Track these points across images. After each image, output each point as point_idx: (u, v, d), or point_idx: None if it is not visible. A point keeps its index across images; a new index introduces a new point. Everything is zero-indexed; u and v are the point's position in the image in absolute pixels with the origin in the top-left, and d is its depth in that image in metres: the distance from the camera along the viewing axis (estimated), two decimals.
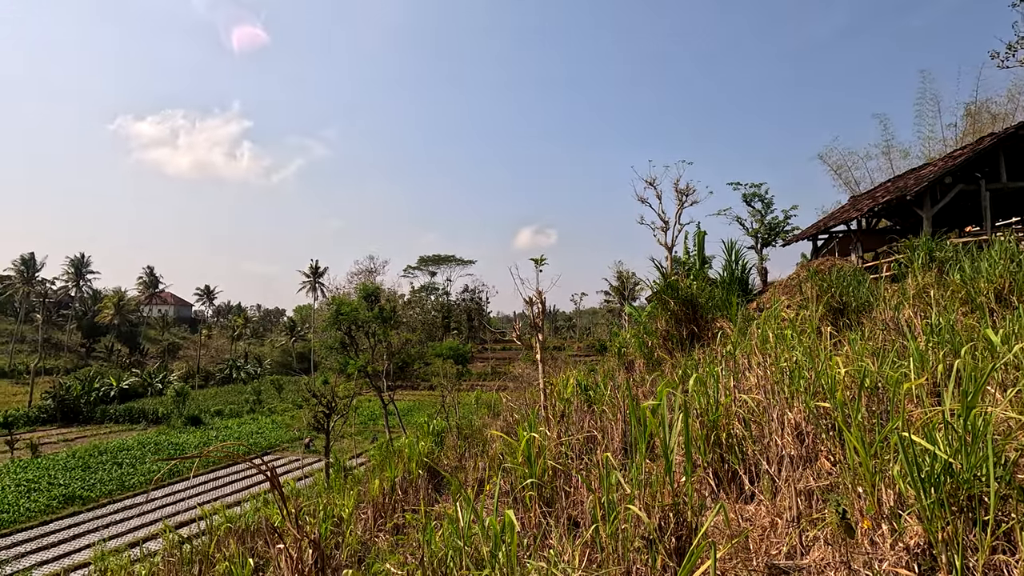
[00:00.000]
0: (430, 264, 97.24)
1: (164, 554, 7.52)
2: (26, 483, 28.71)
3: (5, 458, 35.49)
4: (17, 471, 31.23)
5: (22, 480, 29.22)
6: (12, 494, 26.97)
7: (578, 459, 4.70)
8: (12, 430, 42.54)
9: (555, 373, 10.22)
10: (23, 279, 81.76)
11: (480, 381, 62.09)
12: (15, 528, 23.72)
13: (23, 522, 24.36)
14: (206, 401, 58.82)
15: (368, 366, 28.22)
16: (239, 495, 25.95)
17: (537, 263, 6.91)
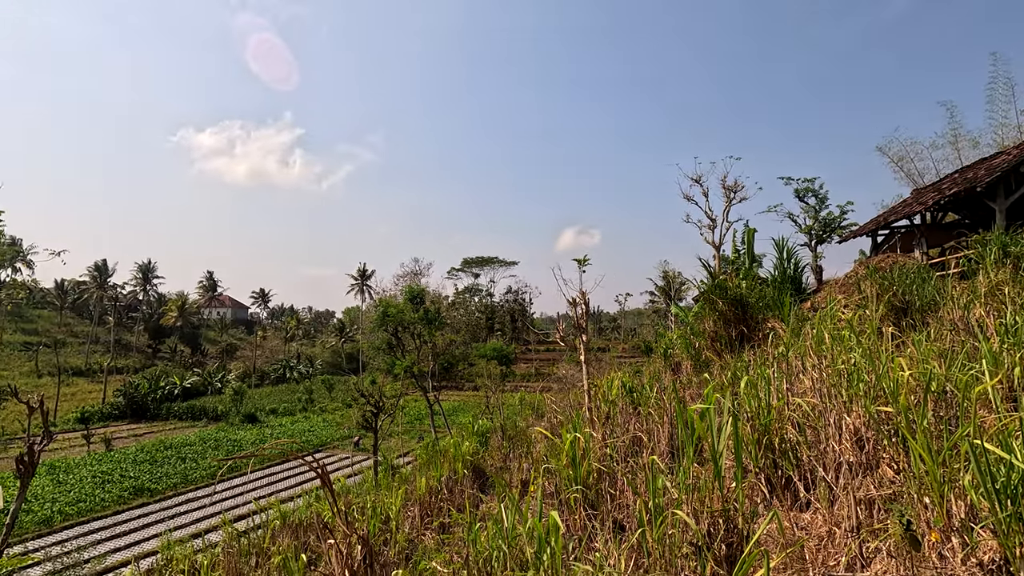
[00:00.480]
0: (473, 266, 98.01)
1: (224, 546, 7.87)
2: (101, 475, 30.70)
3: (83, 451, 38.14)
4: (93, 463, 33.45)
5: (97, 472, 31.27)
6: (89, 485, 28.91)
7: (623, 462, 4.63)
8: (88, 425, 45.64)
9: (599, 374, 10.11)
10: (97, 284, 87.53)
11: (524, 382, 62.17)
12: (92, 516, 25.40)
13: (99, 511, 26.06)
14: (262, 400, 61.22)
15: (414, 367, 28.74)
16: (293, 491, 26.89)
17: (580, 264, 6.85)
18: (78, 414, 49.32)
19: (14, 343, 74.01)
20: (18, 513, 6.73)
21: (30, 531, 23.17)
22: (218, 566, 7.27)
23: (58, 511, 25.24)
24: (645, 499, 3.14)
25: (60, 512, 25.21)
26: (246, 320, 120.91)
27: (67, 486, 28.65)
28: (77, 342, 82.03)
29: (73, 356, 75.56)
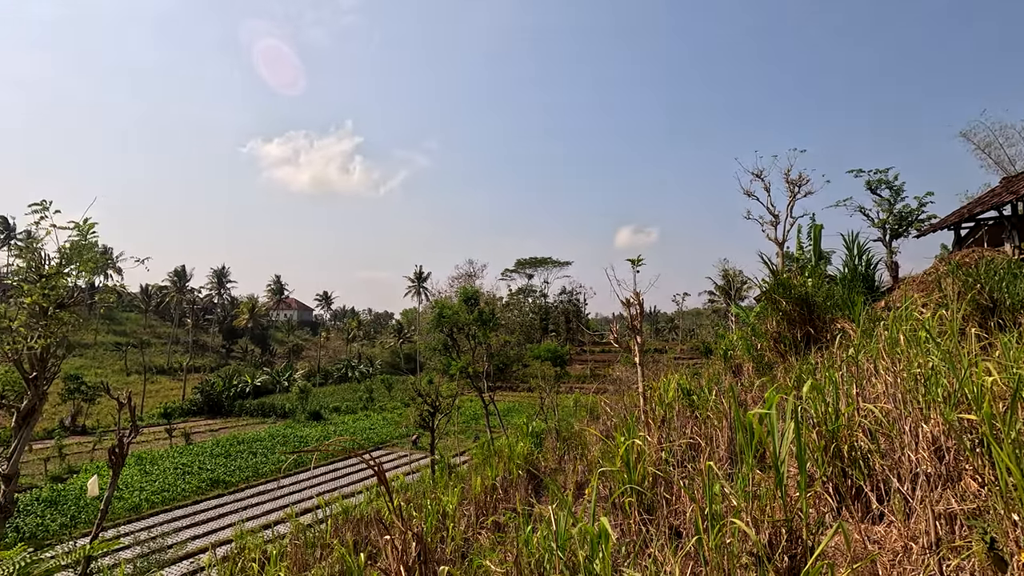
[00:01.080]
0: (527, 267, 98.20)
1: (291, 538, 8.27)
2: (182, 467, 32.91)
3: (166, 444, 41.04)
4: (175, 456, 35.91)
5: (179, 464, 33.54)
6: (172, 476, 31.06)
7: (680, 466, 4.51)
8: (170, 420, 49.08)
9: (655, 376, 9.90)
10: (177, 288, 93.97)
11: (579, 383, 61.66)
12: (174, 505, 27.27)
13: (180, 500, 27.94)
14: (325, 398, 63.74)
15: (469, 367, 29.10)
16: (355, 487, 27.85)
17: (634, 264, 6.74)
18: (161, 410, 53.16)
19: (106, 343, 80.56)
20: (111, 500, 7.33)
21: (122, 517, 25.13)
22: (286, 557, 7.64)
23: (145, 499, 27.25)
24: (702, 506, 3.05)
25: (147, 500, 27.21)
26: (311, 322, 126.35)
27: (152, 476, 30.89)
28: (160, 343, 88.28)
29: (156, 356, 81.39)
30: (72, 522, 24.23)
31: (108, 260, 76.30)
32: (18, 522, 23.12)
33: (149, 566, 13.98)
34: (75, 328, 7.90)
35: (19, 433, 7.45)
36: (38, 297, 7.15)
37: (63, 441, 38.86)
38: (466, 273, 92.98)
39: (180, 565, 19.03)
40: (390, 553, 2.94)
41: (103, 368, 72.11)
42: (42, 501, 25.98)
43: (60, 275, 7.30)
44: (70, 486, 28.89)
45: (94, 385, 50.93)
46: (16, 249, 7.93)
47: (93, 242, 7.36)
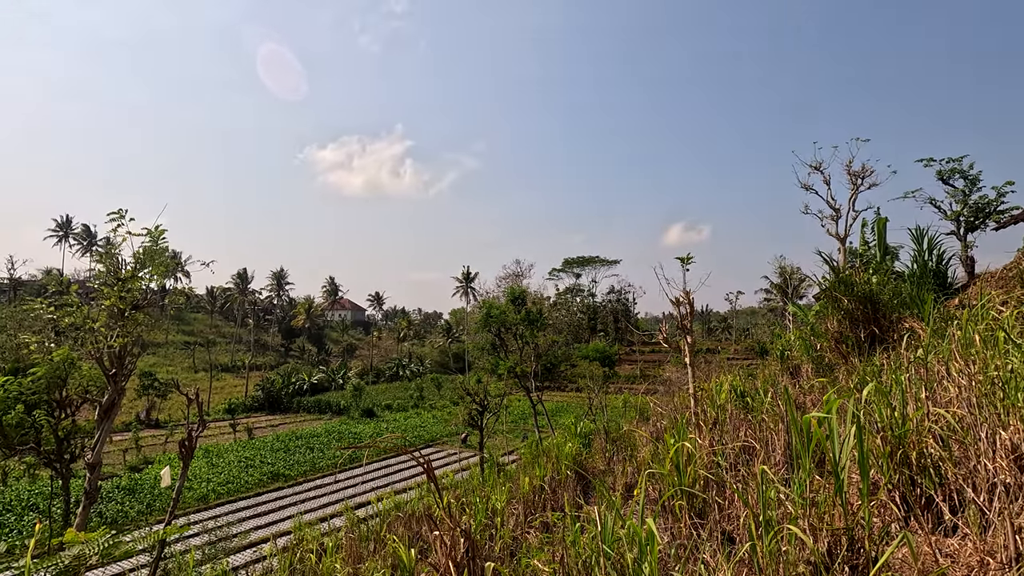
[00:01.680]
0: (575, 266, 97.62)
1: (346, 530, 8.54)
2: (244, 460, 34.59)
3: (230, 438, 43.25)
4: (238, 449, 37.78)
5: (242, 457, 35.27)
6: (236, 468, 32.70)
7: (732, 470, 4.38)
8: (234, 415, 51.69)
9: (707, 377, 9.64)
10: (239, 290, 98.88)
11: (628, 384, 60.74)
12: (238, 496, 28.71)
13: (243, 492, 29.39)
14: (378, 396, 65.48)
15: (517, 367, 29.22)
16: (407, 482, 28.48)
17: (683, 262, 6.59)
18: (226, 405, 56.10)
19: (176, 342, 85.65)
20: (182, 490, 7.80)
21: (191, 506, 26.67)
22: (341, 549, 7.89)
23: (212, 490, 28.80)
24: (755, 511, 2.96)
25: (213, 491, 28.76)
26: (363, 321, 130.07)
27: (218, 468, 32.61)
28: (224, 342, 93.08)
29: (221, 354, 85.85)
30: (148, 509, 25.91)
31: (177, 264, 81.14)
32: (101, 508, 24.92)
33: (216, 553, 14.76)
34: (148, 328, 8.46)
35: (101, 425, 8.04)
36: (116, 299, 7.70)
37: (139, 433, 41.58)
38: (513, 273, 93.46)
39: (244, 553, 20.01)
40: (439, 548, 3.01)
41: (173, 366, 76.73)
42: (121, 489, 27.91)
43: (135, 279, 7.83)
44: (145, 476, 30.91)
45: (166, 382, 54.28)
46: (97, 255, 8.57)
47: (164, 247, 7.85)
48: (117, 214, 7.59)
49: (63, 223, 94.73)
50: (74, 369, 13.20)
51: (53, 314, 8.11)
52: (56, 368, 12.56)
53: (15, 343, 44.20)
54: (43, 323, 38.13)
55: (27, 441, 13.19)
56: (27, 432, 13.15)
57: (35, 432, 13.31)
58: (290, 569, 7.55)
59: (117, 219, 7.58)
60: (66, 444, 13.85)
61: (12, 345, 45.28)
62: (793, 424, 3.55)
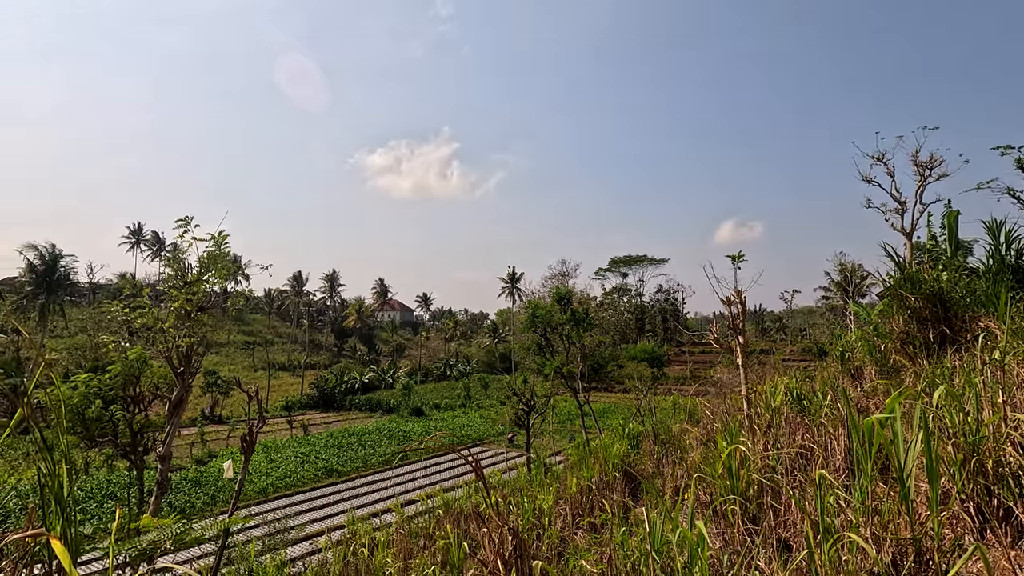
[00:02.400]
0: (621, 265, 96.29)
1: (397, 526, 8.76)
2: (300, 456, 35.93)
3: (287, 434, 45.05)
4: (295, 445, 39.29)
5: (298, 453, 36.66)
6: (292, 463, 34.02)
7: (788, 475, 4.23)
8: (291, 412, 53.81)
9: (761, 379, 9.33)
10: (295, 292, 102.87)
11: (677, 385, 59.35)
12: (295, 491, 29.86)
13: (300, 486, 30.55)
14: (426, 395, 66.62)
15: (563, 367, 29.07)
16: (455, 481, 28.84)
17: (734, 260, 6.39)
18: (283, 403, 58.51)
19: (237, 342, 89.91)
20: (243, 483, 8.19)
21: (252, 499, 27.94)
22: (392, 544, 8.10)
23: (270, 484, 30.08)
24: (814, 518, 2.84)
25: (272, 485, 30.02)
26: (412, 322, 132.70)
27: (276, 463, 34.01)
28: (281, 341, 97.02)
29: (278, 353, 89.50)
30: (212, 500, 27.33)
31: (238, 267, 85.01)
32: (171, 497, 26.47)
33: (275, 544, 15.40)
34: (212, 328, 8.93)
35: (171, 420, 8.55)
36: (183, 302, 8.17)
37: (204, 429, 43.88)
38: (559, 273, 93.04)
39: (300, 545, 20.78)
40: (487, 546, 3.04)
41: (234, 364, 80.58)
42: (188, 480, 29.55)
43: (200, 282, 8.28)
44: (210, 468, 32.61)
45: (228, 380, 57.04)
46: (165, 260, 9.13)
47: (226, 251, 8.26)
48: (184, 221, 8.05)
49: (135, 230, 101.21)
50: (146, 367, 14.07)
51: (128, 316, 8.67)
52: (130, 366, 13.43)
53: (95, 343, 47.60)
54: (119, 324, 40.79)
55: (106, 434, 14.17)
56: (105, 425, 14.13)
57: (112, 426, 14.28)
58: (344, 562, 7.80)
59: (184, 226, 8.05)
60: (140, 437, 14.79)
61: (92, 344, 48.77)
62: (854, 428, 3.39)
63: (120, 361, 13.34)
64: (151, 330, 8.62)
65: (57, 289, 62.59)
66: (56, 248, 63.24)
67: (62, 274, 63.24)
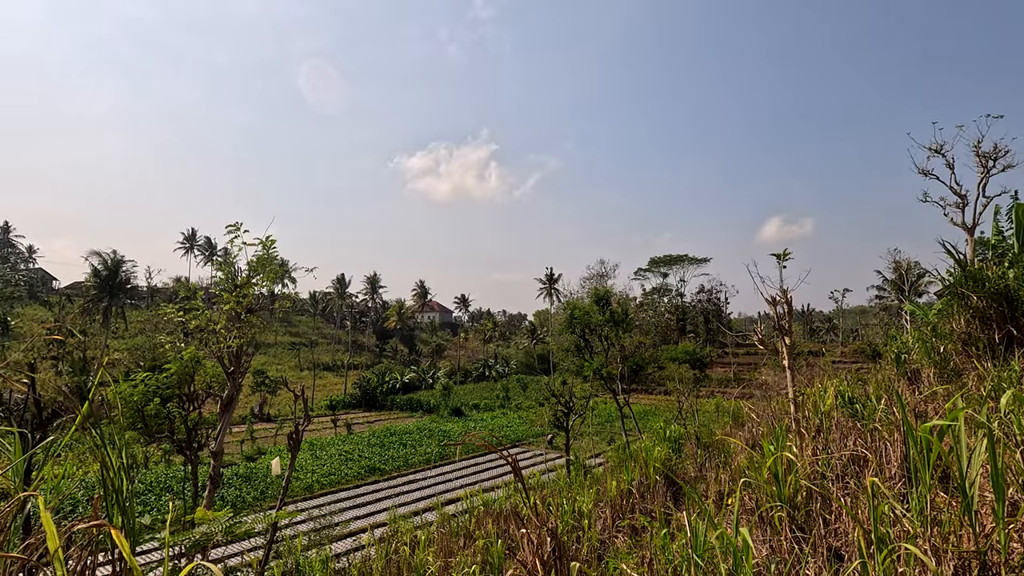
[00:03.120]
0: (661, 265, 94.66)
1: (437, 525, 8.87)
2: (344, 454, 36.83)
3: (331, 433, 46.24)
4: (339, 443, 40.29)
5: (342, 451, 37.58)
6: (337, 461, 34.90)
7: (839, 482, 4.06)
8: (335, 411, 55.23)
9: (809, 381, 9.00)
10: (338, 294, 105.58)
11: (720, 387, 57.90)
12: (339, 488, 30.62)
13: (343, 484, 31.31)
14: (465, 396, 67.18)
15: (603, 368, 28.80)
16: (493, 481, 28.97)
17: (779, 258, 6.19)
18: (327, 402, 60.09)
19: (283, 343, 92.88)
20: (290, 479, 8.46)
21: (298, 495, 28.81)
22: (433, 543, 8.20)
23: (316, 481, 30.93)
24: (867, 527, 2.72)
25: (317, 482, 30.87)
26: (451, 323, 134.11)
27: (321, 461, 34.96)
28: (325, 342, 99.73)
29: (323, 354, 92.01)
30: (261, 495, 28.31)
31: (285, 270, 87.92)
32: (223, 492, 27.58)
33: (321, 540, 15.83)
34: (261, 330, 9.26)
35: (223, 418, 8.90)
36: (234, 304, 8.50)
37: (253, 426, 45.52)
38: (597, 273, 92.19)
39: (345, 542, 21.29)
40: (526, 546, 3.04)
41: (281, 364, 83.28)
42: (239, 476, 30.72)
43: (249, 285, 8.60)
44: (259, 465, 33.79)
45: (275, 379, 59.03)
46: (217, 264, 9.51)
47: (274, 255, 8.55)
48: (234, 226, 8.38)
49: (189, 236, 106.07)
50: (200, 367, 14.72)
51: (183, 317, 9.08)
52: (185, 366, 14.07)
53: (153, 343, 50.13)
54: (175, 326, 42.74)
55: (163, 430, 14.89)
56: (163, 422, 14.85)
57: (169, 422, 15.00)
58: (386, 559, 7.95)
59: (234, 231, 8.37)
60: (194, 434, 15.48)
61: (150, 345, 51.36)
62: (911, 434, 3.23)
63: (176, 361, 14.00)
64: (204, 331, 9.01)
65: (118, 293, 66.28)
66: (117, 254, 67.00)
67: (123, 278, 66.93)
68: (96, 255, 66.44)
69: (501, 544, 5.83)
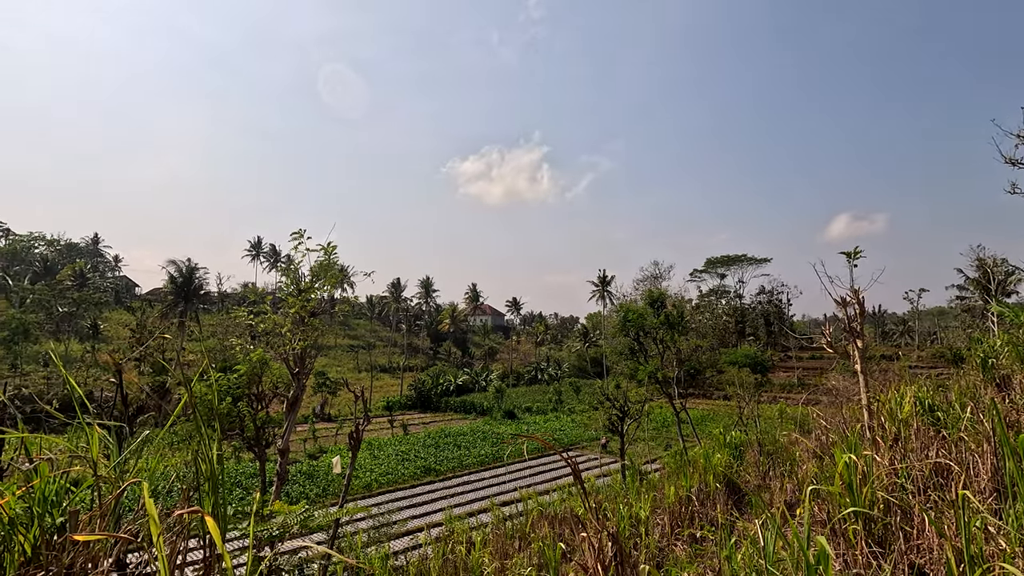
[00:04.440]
0: (718, 266, 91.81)
1: (493, 526, 8.93)
2: (401, 454, 37.71)
3: (388, 433, 47.45)
4: (396, 444, 41.31)
5: (399, 451, 38.50)
6: (394, 461, 35.79)
7: (921, 494, 3.80)
8: (391, 412, 56.65)
9: (883, 387, 8.49)
10: (394, 298, 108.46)
11: (783, 393, 55.49)
12: (396, 487, 31.38)
13: (400, 483, 32.06)
14: (518, 398, 67.35)
15: (658, 372, 28.18)
16: (547, 484, 28.88)
17: (849, 257, 5.88)
18: (384, 403, 61.71)
19: (343, 346, 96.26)
20: (351, 478, 8.75)
21: (358, 493, 29.72)
22: (488, 544, 8.26)
23: (374, 479, 31.83)
24: (956, 543, 2.54)
25: (376, 481, 31.75)
26: (503, 326, 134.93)
27: (379, 460, 35.94)
28: (382, 345, 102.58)
29: (379, 356, 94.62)
30: (324, 492, 29.41)
31: (345, 275, 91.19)
32: (287, 488, 28.84)
33: (379, 537, 16.26)
34: (323, 333, 9.63)
35: (288, 417, 9.32)
36: (298, 308, 8.89)
37: (315, 426, 47.36)
38: (651, 275, 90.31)
39: (402, 540, 21.80)
40: (587, 551, 3.02)
41: (341, 366, 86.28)
42: (303, 474, 32.03)
43: (312, 289, 8.97)
44: (321, 463, 35.12)
45: (336, 380, 61.16)
46: (281, 270, 9.99)
47: (335, 261, 8.89)
48: (297, 234, 8.77)
49: (255, 244, 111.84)
50: (267, 368, 15.49)
51: (252, 321, 9.58)
52: (254, 367, 14.83)
53: (224, 345, 53.11)
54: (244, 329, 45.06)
55: (234, 427, 15.76)
56: (234, 420, 15.71)
57: (239, 421, 15.85)
58: (443, 559, 8.06)
59: (297, 238, 8.77)
60: (262, 432, 16.30)
61: (222, 347, 54.43)
62: (1005, 444, 2.99)
63: (245, 362, 14.78)
64: (271, 334, 9.46)
65: (192, 298, 70.71)
66: (191, 262, 71.57)
67: (197, 285, 71.42)
68: (173, 263, 71.37)
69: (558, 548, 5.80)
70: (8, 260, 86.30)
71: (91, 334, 69.42)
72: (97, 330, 70.47)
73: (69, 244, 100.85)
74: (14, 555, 1.60)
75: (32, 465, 1.78)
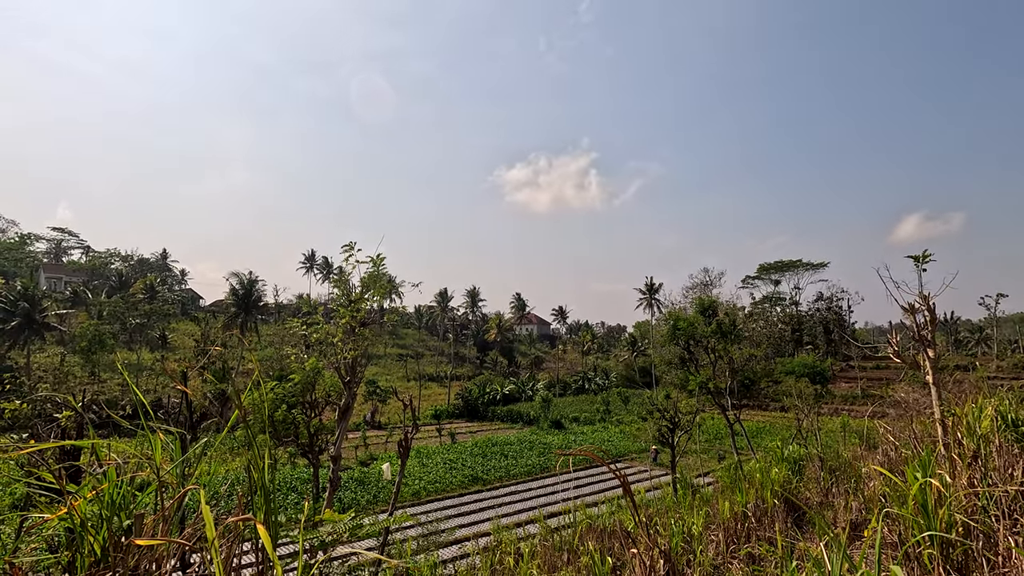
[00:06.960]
0: (772, 272, 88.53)
1: (540, 538, 8.82)
2: (449, 462, 38.00)
3: (436, 442, 47.96)
4: (443, 452, 41.68)
5: (447, 459, 38.81)
6: (442, 469, 36.10)
7: (1007, 518, 3.50)
8: (439, 421, 57.28)
9: (959, 400, 7.92)
10: (441, 308, 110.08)
11: (845, 404, 52.75)
12: (444, 496, 31.61)
13: (448, 492, 32.27)
14: (565, 408, 66.76)
15: (709, 382, 27.32)
16: (595, 496, 28.39)
17: (918, 260, 5.52)
18: (432, 412, 62.48)
19: (392, 355, 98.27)
20: (400, 485, 8.87)
21: (407, 500, 30.12)
22: (536, 556, 8.17)
23: (423, 487, 32.18)
24: None
25: (424, 488, 32.09)
26: (549, 335, 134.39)
27: (428, 468, 36.33)
28: (430, 354, 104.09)
29: (427, 365, 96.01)
30: (374, 499, 29.95)
31: (393, 286, 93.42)
32: (339, 494, 29.53)
33: (428, 545, 16.39)
34: (372, 342, 9.85)
35: (340, 424, 9.56)
36: (349, 318, 9.14)
37: (366, 433, 48.40)
38: (701, 282, 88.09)
39: (450, 548, 21.88)
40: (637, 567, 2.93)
41: (390, 375, 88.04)
42: (354, 480, 32.74)
43: (362, 300, 9.21)
44: (372, 470, 35.82)
45: (385, 389, 62.46)
46: (333, 281, 10.30)
47: (384, 272, 9.10)
48: (348, 246, 9.03)
49: (309, 256, 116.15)
50: (320, 377, 15.99)
51: (305, 331, 9.91)
52: (307, 375, 15.34)
53: (280, 355, 55.24)
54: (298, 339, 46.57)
55: (289, 434, 16.33)
56: (289, 427, 16.29)
57: (294, 427, 16.41)
58: (491, 569, 8.03)
59: (348, 250, 9.03)
60: (315, 438, 16.81)
61: (278, 356, 56.62)
62: None
63: (299, 371, 15.30)
64: (324, 344, 9.76)
65: (252, 309, 74.00)
66: (252, 274, 75.02)
67: (256, 296, 74.73)
68: (234, 275, 75.09)
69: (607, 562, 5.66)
70: (88, 275, 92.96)
71: (160, 344, 73.75)
72: (165, 340, 74.78)
73: (141, 259, 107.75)
74: (85, 556, 1.70)
75: (102, 469, 1.89)
